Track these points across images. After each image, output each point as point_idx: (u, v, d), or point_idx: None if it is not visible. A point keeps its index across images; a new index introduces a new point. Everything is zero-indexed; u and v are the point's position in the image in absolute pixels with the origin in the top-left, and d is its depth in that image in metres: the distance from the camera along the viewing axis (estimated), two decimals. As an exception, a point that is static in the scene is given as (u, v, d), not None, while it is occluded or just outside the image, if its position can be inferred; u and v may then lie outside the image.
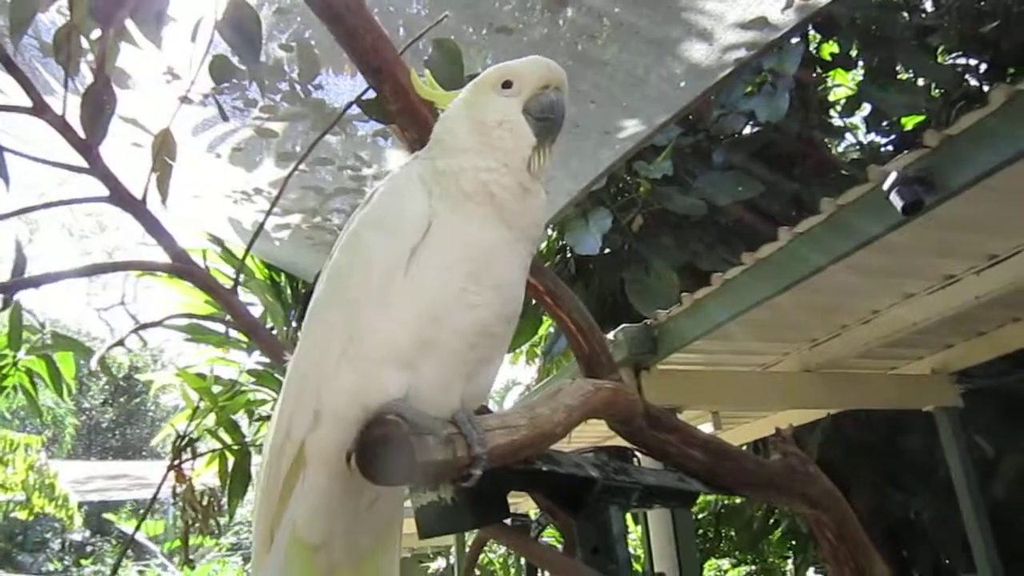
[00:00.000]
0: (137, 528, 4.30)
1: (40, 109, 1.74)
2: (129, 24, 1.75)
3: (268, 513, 1.35)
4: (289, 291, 7.16)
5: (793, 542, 10.76)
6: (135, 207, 1.86)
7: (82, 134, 1.75)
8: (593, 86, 4.00)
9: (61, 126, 1.74)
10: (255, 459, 3.61)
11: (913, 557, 8.78)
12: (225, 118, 2.95)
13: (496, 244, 1.32)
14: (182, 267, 1.86)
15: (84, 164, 1.84)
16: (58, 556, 24.32)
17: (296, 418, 1.30)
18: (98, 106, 1.72)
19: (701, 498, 10.96)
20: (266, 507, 1.35)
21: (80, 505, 15.73)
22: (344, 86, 4.07)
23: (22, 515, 17.81)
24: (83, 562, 22.00)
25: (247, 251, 2.63)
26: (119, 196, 1.84)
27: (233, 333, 6.01)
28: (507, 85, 1.39)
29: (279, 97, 3.93)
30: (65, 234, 31.62)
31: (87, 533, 23.40)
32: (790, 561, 11.82)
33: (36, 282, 1.77)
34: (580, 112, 4.16)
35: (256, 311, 6.04)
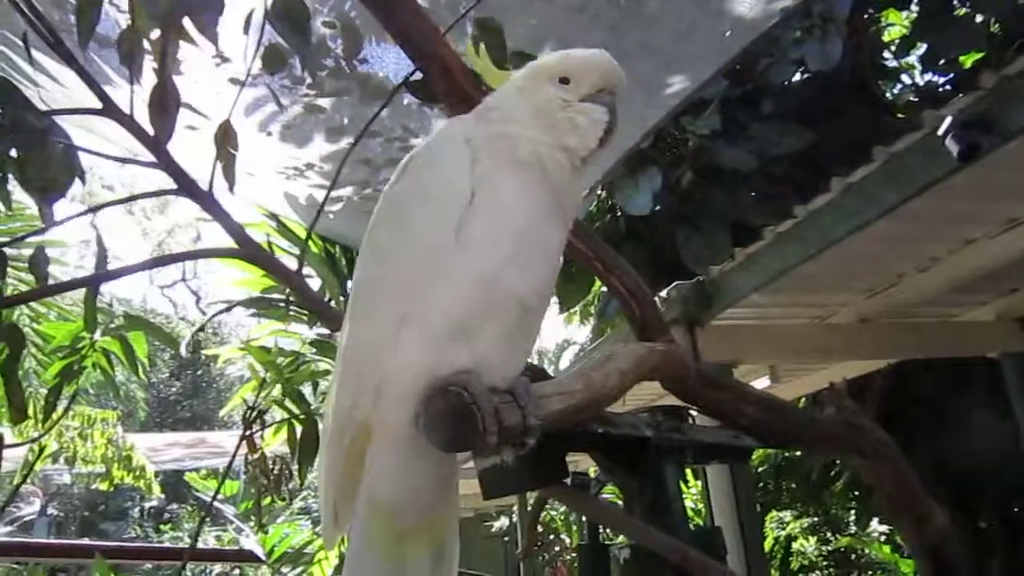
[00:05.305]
0: (215, 495, 4.50)
1: (109, 110, 1.82)
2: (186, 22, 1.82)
3: (332, 487, 1.38)
4: (344, 262, 7.30)
5: (856, 492, 10.68)
6: (203, 197, 1.94)
7: (150, 131, 1.83)
8: (638, 43, 3.95)
9: (129, 125, 1.83)
10: (321, 427, 3.76)
11: (979, 507, 8.64)
12: (280, 106, 3.00)
13: (543, 213, 1.32)
14: (249, 252, 1.94)
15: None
16: (138, 523, 25.53)
17: (358, 396, 1.31)
18: (163, 105, 1.79)
19: (761, 452, 10.93)
20: (330, 482, 1.38)
21: (156, 474, 16.39)
22: (388, 58, 4.10)
23: (103, 486, 18.64)
24: (162, 528, 23.00)
25: (309, 233, 2.71)
26: (187, 188, 1.93)
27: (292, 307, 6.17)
28: (564, 80, 1.35)
29: (325, 74, 3.98)
30: (126, 213, 32.44)
31: (164, 501, 24.42)
32: (853, 512, 11.75)
33: (116, 275, 1.88)
34: (626, 70, 4.12)
35: (314, 283, 6.19)
